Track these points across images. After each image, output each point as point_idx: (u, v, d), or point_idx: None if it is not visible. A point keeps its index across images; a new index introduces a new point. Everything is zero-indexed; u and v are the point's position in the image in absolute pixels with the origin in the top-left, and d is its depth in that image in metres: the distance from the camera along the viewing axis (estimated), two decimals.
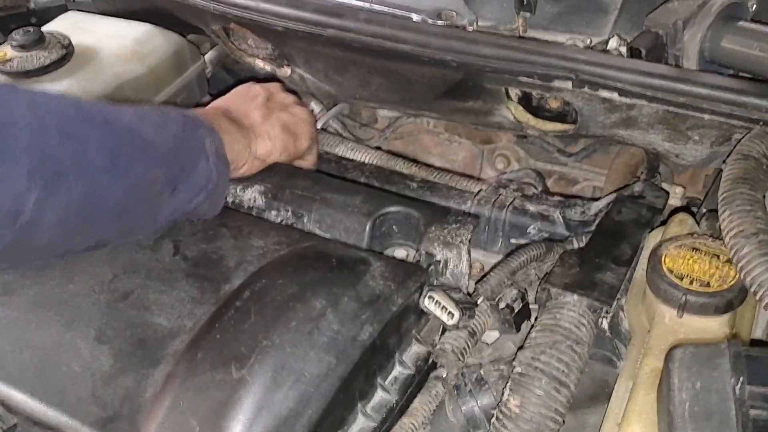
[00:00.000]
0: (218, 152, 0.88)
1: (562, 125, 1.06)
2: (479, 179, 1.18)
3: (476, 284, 0.90)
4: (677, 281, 0.76)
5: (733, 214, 0.75)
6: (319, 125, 1.29)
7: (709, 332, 0.75)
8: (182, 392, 0.70)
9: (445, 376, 0.82)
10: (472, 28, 1.06)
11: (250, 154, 0.97)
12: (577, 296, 0.80)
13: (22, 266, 0.80)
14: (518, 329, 0.89)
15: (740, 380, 0.58)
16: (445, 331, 0.85)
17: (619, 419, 0.72)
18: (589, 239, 0.91)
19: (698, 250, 0.79)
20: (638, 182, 1.01)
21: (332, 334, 0.74)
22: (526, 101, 1.06)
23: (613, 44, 1.00)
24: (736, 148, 0.86)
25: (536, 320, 0.81)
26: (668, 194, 1.00)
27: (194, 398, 0.70)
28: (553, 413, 0.72)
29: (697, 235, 0.83)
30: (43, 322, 0.79)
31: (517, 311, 0.88)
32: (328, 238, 0.94)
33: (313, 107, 1.34)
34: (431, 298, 0.82)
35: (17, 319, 0.80)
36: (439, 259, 0.89)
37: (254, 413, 0.68)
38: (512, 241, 1.03)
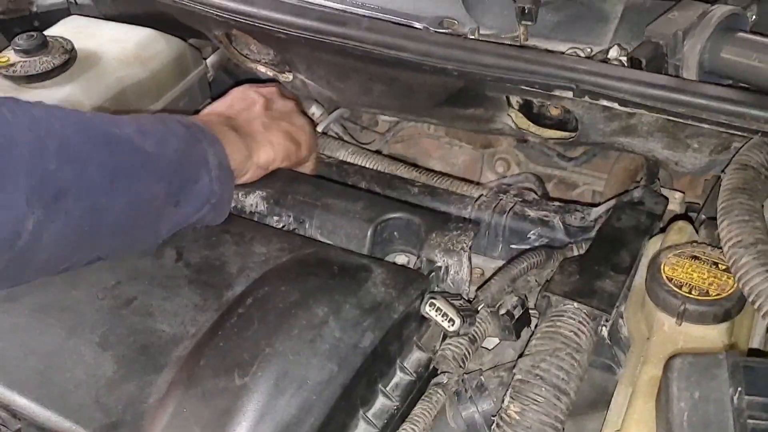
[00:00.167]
0: (221, 164, 0.88)
1: (562, 133, 1.06)
2: (479, 184, 1.18)
3: (477, 291, 0.91)
4: (676, 290, 0.77)
5: (731, 223, 0.76)
6: (320, 129, 1.29)
7: (707, 340, 0.75)
8: (185, 399, 0.71)
9: (445, 382, 0.82)
10: (473, 36, 1.07)
11: (252, 162, 0.96)
12: (577, 304, 0.81)
13: (21, 284, 0.79)
14: (518, 336, 0.89)
15: (738, 390, 0.59)
16: (445, 337, 0.85)
17: (617, 426, 0.73)
18: (589, 246, 0.92)
19: (697, 258, 0.80)
20: (638, 188, 1.02)
21: (334, 341, 0.74)
22: (526, 109, 1.06)
23: (613, 54, 1.00)
24: (734, 157, 0.86)
25: (536, 328, 0.82)
26: (667, 200, 1.00)
27: (197, 405, 0.70)
28: (552, 420, 0.73)
29: (696, 243, 0.83)
30: (46, 327, 0.80)
31: (517, 318, 0.88)
32: (329, 244, 0.94)
33: (314, 111, 1.34)
34: (432, 305, 0.82)
35: (21, 324, 0.80)
36: (439, 265, 0.90)
37: (257, 420, 0.68)
38: (512, 246, 1.03)
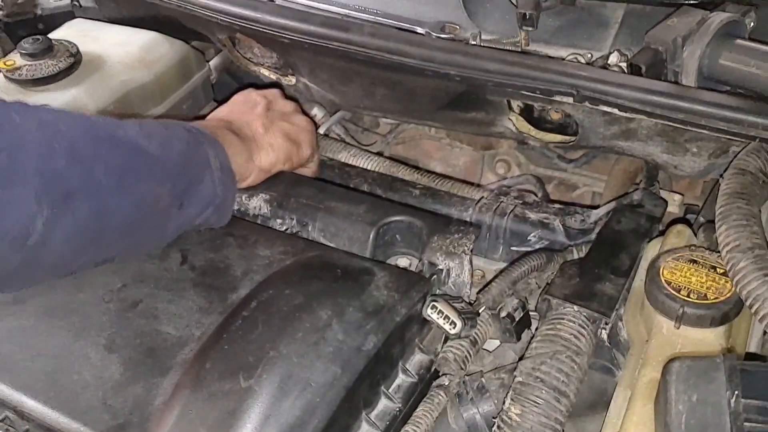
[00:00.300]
0: (223, 166, 0.89)
1: (562, 137, 1.07)
2: (480, 186, 1.19)
3: (478, 294, 0.91)
4: (675, 293, 0.78)
5: (729, 228, 0.77)
6: (321, 130, 1.29)
7: (705, 343, 0.76)
8: (191, 401, 0.71)
9: (447, 384, 0.83)
10: (475, 41, 1.07)
11: (254, 165, 0.97)
12: (576, 307, 0.82)
13: (30, 286, 0.80)
14: (519, 338, 0.90)
15: (735, 394, 0.60)
16: (447, 339, 0.86)
17: (617, 428, 0.74)
18: (588, 249, 0.93)
19: (696, 262, 0.81)
20: (637, 190, 1.02)
21: (337, 344, 0.75)
22: (527, 113, 1.07)
23: (613, 59, 1.01)
24: (733, 162, 0.87)
25: (537, 330, 0.83)
26: (667, 203, 1.01)
27: (203, 407, 0.71)
28: (552, 422, 0.74)
29: (694, 247, 0.84)
30: (53, 330, 0.81)
31: (517, 320, 0.89)
32: (332, 246, 0.95)
33: (316, 113, 1.34)
34: (434, 307, 0.83)
35: (28, 327, 0.81)
36: (441, 268, 0.91)
37: (261, 422, 0.69)
38: (513, 248, 1.04)
